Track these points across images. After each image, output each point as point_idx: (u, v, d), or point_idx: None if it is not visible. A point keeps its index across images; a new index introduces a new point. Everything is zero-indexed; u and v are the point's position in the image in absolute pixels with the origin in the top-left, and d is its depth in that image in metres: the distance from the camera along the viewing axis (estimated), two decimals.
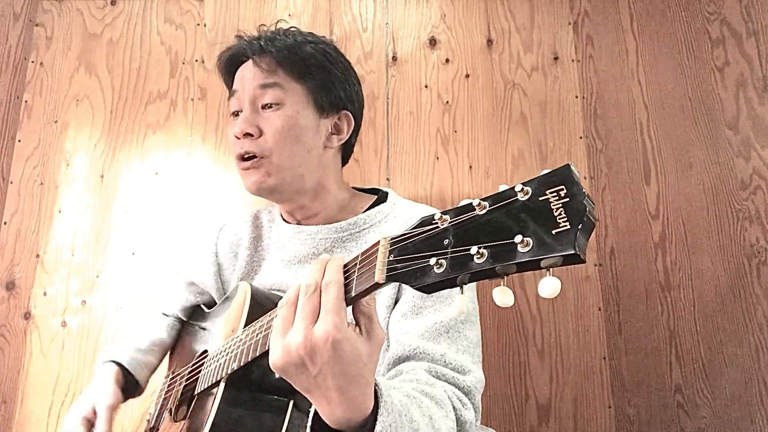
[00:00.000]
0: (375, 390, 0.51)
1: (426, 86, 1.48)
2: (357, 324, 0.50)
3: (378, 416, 0.49)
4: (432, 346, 0.73)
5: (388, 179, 1.43)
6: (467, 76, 1.48)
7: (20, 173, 1.48)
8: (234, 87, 0.90)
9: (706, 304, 1.31)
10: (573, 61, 1.48)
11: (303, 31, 0.92)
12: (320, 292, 0.48)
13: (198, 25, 1.56)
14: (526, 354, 1.31)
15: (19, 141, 1.50)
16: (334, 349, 0.45)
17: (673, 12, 1.49)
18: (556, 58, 1.48)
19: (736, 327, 1.29)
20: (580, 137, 1.43)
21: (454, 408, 0.67)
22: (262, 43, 0.87)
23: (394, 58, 1.50)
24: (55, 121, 1.51)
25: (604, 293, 1.34)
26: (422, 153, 1.44)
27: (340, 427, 0.49)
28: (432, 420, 0.60)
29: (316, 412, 0.51)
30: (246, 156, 0.85)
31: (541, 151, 1.43)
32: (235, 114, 0.88)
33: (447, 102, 1.47)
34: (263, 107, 0.85)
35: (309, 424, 0.51)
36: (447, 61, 1.49)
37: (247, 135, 0.84)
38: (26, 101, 1.52)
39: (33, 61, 1.55)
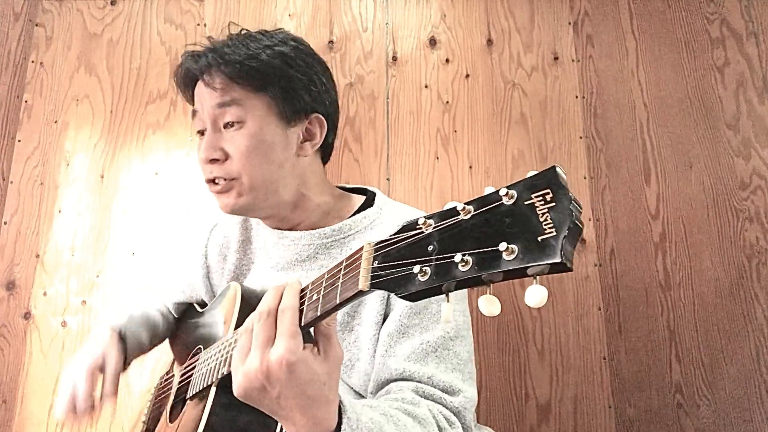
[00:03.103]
0: (340, 408, 0.52)
1: (426, 86, 1.48)
2: (316, 343, 0.51)
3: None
4: (419, 368, 0.72)
5: (388, 179, 1.43)
6: (467, 76, 1.48)
7: (20, 173, 1.48)
8: (195, 107, 0.85)
9: (706, 304, 1.31)
10: (573, 61, 1.48)
11: (255, 34, 0.84)
12: (275, 317, 0.50)
13: (198, 25, 1.56)
14: (526, 354, 1.31)
15: (19, 141, 1.50)
16: (289, 371, 0.47)
17: (673, 12, 1.49)
18: (556, 58, 1.48)
19: (736, 327, 1.29)
20: (580, 137, 1.43)
21: (439, 428, 0.66)
22: (211, 59, 0.80)
23: (394, 58, 1.50)
24: (55, 121, 1.51)
25: (604, 293, 1.34)
26: (422, 153, 1.44)
27: None
28: None
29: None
30: (216, 180, 0.82)
31: (541, 151, 1.43)
32: (201, 133, 0.84)
33: (447, 102, 1.47)
34: (225, 126, 0.80)
35: None
36: (447, 61, 1.49)
37: (214, 160, 0.80)
38: (26, 101, 1.52)
39: (33, 61, 1.55)
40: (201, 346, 0.84)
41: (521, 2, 1.52)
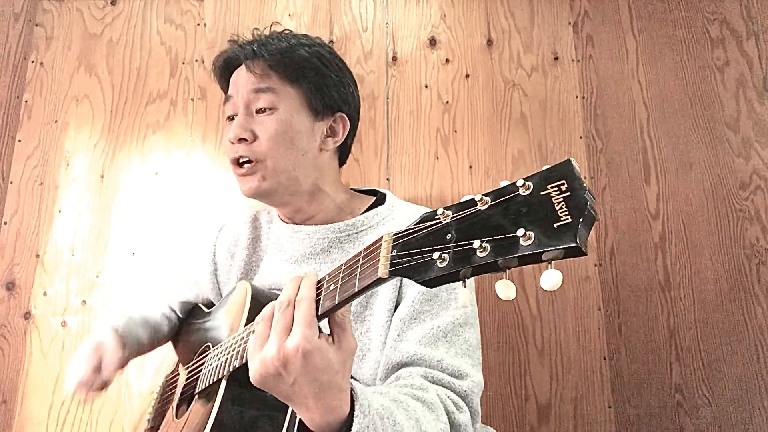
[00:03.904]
0: (352, 395, 0.53)
1: (426, 86, 1.48)
2: (331, 333, 0.53)
3: (354, 419, 0.52)
4: (429, 352, 0.74)
5: (388, 179, 1.43)
6: (467, 76, 1.48)
7: (20, 173, 1.48)
8: (229, 92, 0.90)
9: (706, 304, 1.31)
10: (573, 61, 1.48)
11: (297, 34, 0.92)
12: (294, 307, 0.52)
13: (198, 25, 1.56)
14: (526, 354, 1.31)
15: (19, 141, 1.50)
16: (305, 359, 0.49)
17: (673, 12, 1.49)
18: (556, 58, 1.48)
19: (736, 327, 1.29)
20: (580, 137, 1.43)
21: (447, 412, 0.68)
22: (255, 48, 0.87)
23: (394, 58, 1.50)
24: (55, 121, 1.51)
25: (604, 293, 1.34)
26: (422, 153, 1.44)
27: (321, 431, 0.52)
28: (419, 422, 0.61)
29: (301, 420, 0.54)
30: (241, 161, 0.86)
31: (541, 151, 1.43)
32: (231, 118, 0.89)
33: (447, 102, 1.47)
34: (257, 111, 0.86)
35: (295, 430, 0.55)
36: (447, 61, 1.49)
37: (242, 140, 0.85)
38: (26, 101, 1.52)
39: (33, 61, 1.55)
40: (209, 344, 0.84)
41: (521, 2, 1.52)
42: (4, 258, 1.43)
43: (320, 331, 0.52)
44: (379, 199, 0.95)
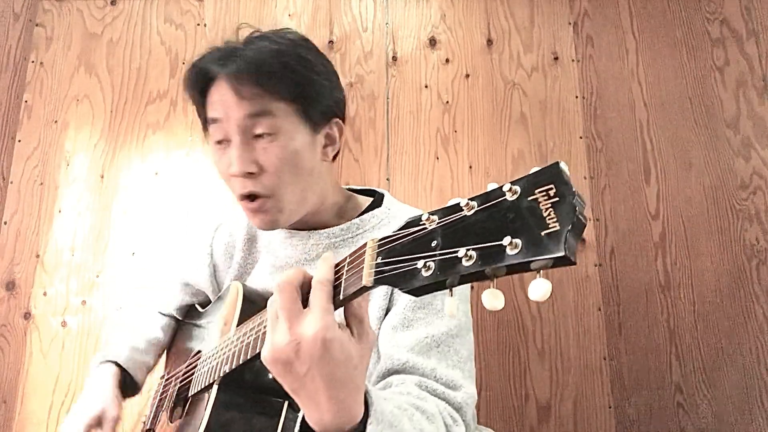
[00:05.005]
0: (365, 397, 0.49)
1: (426, 86, 1.48)
2: (348, 326, 0.48)
3: (367, 425, 0.48)
4: (422, 361, 0.71)
5: (388, 179, 1.42)
6: (467, 76, 1.48)
7: (20, 173, 1.48)
8: (214, 114, 0.79)
9: (706, 304, 1.31)
10: (573, 61, 1.48)
11: (273, 37, 0.81)
12: (297, 289, 0.47)
13: (198, 25, 1.56)
14: (526, 354, 1.31)
15: (19, 141, 1.50)
16: (324, 348, 0.44)
17: (673, 12, 1.49)
18: (556, 58, 1.48)
19: (736, 327, 1.29)
20: (580, 137, 1.43)
21: (445, 424, 0.66)
22: (240, 65, 0.76)
23: (394, 58, 1.50)
24: (55, 121, 1.51)
25: (604, 293, 1.34)
26: (422, 153, 1.44)
27: None
28: None
29: (303, 420, 0.49)
30: (250, 196, 0.78)
31: (541, 151, 1.43)
32: (220, 142, 0.79)
33: (447, 102, 1.47)
34: (255, 136, 0.77)
35: (297, 430, 0.50)
36: (447, 61, 1.49)
37: (248, 174, 0.76)
38: (26, 101, 1.52)
39: (33, 61, 1.55)
40: (203, 346, 0.84)
41: (521, 2, 1.52)
42: (4, 258, 1.43)
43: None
44: (377, 200, 0.91)
